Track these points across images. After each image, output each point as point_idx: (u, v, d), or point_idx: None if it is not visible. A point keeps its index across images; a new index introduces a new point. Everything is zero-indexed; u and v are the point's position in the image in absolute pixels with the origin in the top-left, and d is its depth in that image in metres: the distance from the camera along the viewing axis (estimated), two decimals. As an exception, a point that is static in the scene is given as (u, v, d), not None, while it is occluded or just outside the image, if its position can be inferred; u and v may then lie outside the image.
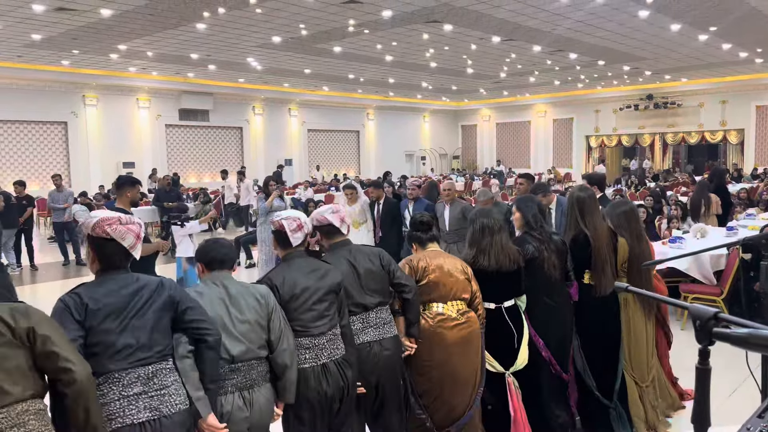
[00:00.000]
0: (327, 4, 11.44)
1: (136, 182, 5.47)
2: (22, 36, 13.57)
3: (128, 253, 2.39)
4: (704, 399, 1.28)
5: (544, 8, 12.08)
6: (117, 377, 2.22)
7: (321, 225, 3.28)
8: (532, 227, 3.80)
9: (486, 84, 24.33)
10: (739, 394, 4.37)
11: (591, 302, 3.87)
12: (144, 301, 2.33)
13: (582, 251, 3.86)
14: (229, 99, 23.22)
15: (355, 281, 3.18)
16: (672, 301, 1.43)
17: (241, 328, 2.63)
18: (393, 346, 3.23)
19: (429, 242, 3.61)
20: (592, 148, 28.67)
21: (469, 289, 3.45)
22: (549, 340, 3.72)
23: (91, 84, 19.46)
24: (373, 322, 3.20)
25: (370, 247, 3.46)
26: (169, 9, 11.52)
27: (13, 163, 18.55)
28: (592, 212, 3.91)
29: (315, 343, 2.90)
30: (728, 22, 13.57)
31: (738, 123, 24.12)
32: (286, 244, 3.09)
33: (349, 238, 3.38)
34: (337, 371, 2.92)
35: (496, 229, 3.61)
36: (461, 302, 3.42)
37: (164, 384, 2.30)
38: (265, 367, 2.72)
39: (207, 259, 2.79)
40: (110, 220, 2.35)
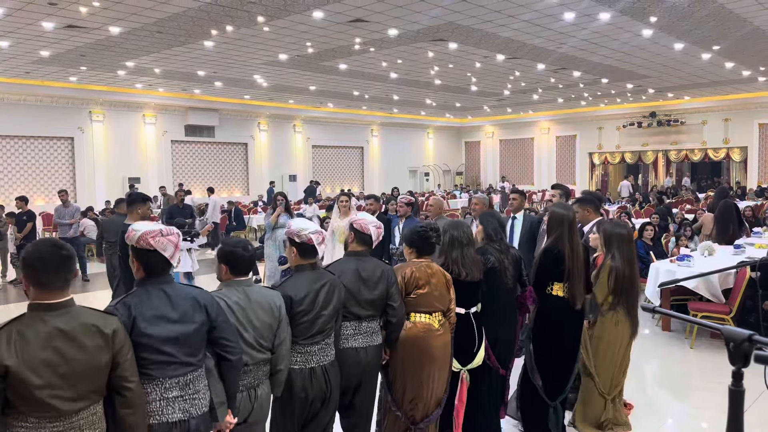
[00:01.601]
0: (334, 23, 11.57)
1: (147, 199, 5.58)
2: (31, 53, 13.71)
3: (169, 261, 2.59)
4: (738, 420, 1.28)
5: (549, 27, 12.18)
6: (160, 381, 2.45)
7: (361, 231, 3.55)
8: (492, 239, 4.13)
9: (490, 101, 24.45)
10: (753, 413, 4.34)
11: (554, 311, 4.11)
12: (184, 313, 2.53)
13: (554, 264, 4.09)
14: (234, 115, 23.37)
15: (357, 291, 3.40)
16: (705, 324, 1.44)
17: (253, 334, 2.86)
18: (376, 355, 3.49)
19: (427, 254, 3.75)
20: (595, 165, 28.72)
21: (448, 300, 3.70)
22: (496, 339, 4.07)
23: (98, 100, 19.60)
24: (364, 331, 3.44)
25: (383, 264, 3.61)
26: (178, 27, 11.64)
27: (20, 178, 18.63)
28: (572, 230, 4.13)
29: (307, 350, 3.15)
30: (731, 41, 13.67)
31: (741, 141, 24.18)
32: (309, 255, 3.26)
33: (367, 251, 3.60)
34: (323, 375, 3.17)
35: (464, 242, 3.88)
36: (440, 313, 3.67)
37: (197, 389, 2.54)
38: (268, 367, 2.98)
39: (232, 265, 2.95)
40: (153, 233, 2.55)
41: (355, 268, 3.44)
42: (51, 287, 2.16)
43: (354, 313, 3.39)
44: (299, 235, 3.22)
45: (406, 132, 30.40)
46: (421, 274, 3.62)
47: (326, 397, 3.18)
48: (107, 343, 2.22)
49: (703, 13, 11.39)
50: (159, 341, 2.43)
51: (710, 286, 6.58)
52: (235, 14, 10.86)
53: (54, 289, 2.16)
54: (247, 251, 2.96)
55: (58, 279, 2.18)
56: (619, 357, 4.31)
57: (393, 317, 3.50)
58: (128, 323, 2.39)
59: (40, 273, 2.17)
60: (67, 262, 2.21)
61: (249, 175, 24.38)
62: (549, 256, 4.13)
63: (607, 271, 4.25)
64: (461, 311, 3.84)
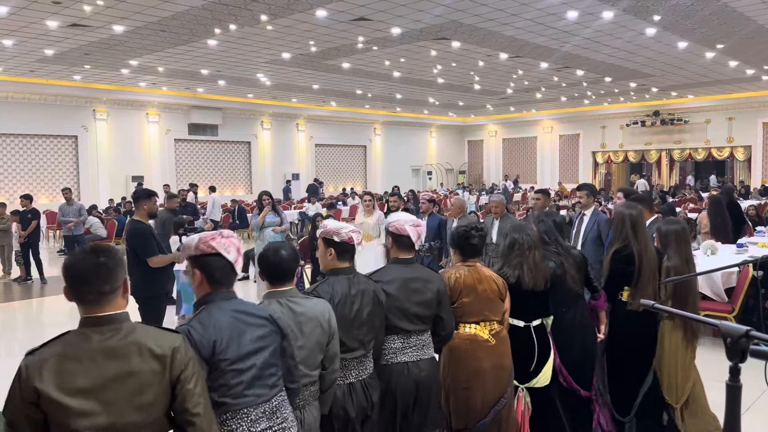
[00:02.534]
0: (337, 22, 11.58)
1: (153, 194, 5.56)
2: (36, 51, 13.76)
3: (233, 268, 2.32)
4: (735, 415, 1.29)
5: (552, 26, 12.18)
6: (245, 413, 2.19)
7: (398, 234, 3.17)
8: (546, 242, 3.74)
9: (493, 100, 24.45)
10: (755, 411, 4.35)
11: (625, 318, 3.82)
12: (259, 336, 2.27)
13: (625, 266, 3.79)
14: (237, 114, 23.41)
15: (404, 303, 3.06)
16: (702, 319, 1.45)
17: (300, 354, 2.54)
18: (429, 368, 3.14)
19: (471, 256, 3.41)
20: (598, 164, 28.70)
21: (502, 309, 3.36)
22: (568, 356, 3.64)
23: (102, 98, 19.66)
24: (413, 344, 3.11)
25: (430, 272, 3.30)
26: (181, 25, 11.67)
27: (24, 176, 18.71)
28: (643, 230, 3.86)
29: (345, 365, 2.85)
30: (735, 40, 13.65)
31: (745, 140, 24.13)
32: (347, 256, 2.96)
33: (413, 257, 3.24)
34: (362, 391, 2.88)
35: (527, 246, 3.51)
36: (494, 323, 3.33)
37: (284, 417, 2.31)
38: (316, 386, 2.67)
39: (273, 274, 2.66)
40: (212, 235, 2.32)
41: (401, 277, 3.08)
42: (86, 300, 1.85)
43: (401, 328, 3.05)
44: (338, 234, 2.91)
45: (408, 131, 30.41)
46: (466, 279, 3.29)
47: (367, 415, 2.87)
48: (163, 367, 1.85)
49: (707, 11, 11.38)
50: (240, 364, 2.17)
51: (712, 284, 6.57)
52: (239, 13, 10.88)
53: (91, 302, 1.84)
54: (276, 255, 2.62)
55: (92, 291, 1.83)
56: (680, 363, 3.90)
57: (442, 330, 3.17)
58: (206, 345, 2.12)
59: (72, 283, 1.87)
60: (102, 271, 1.85)
61: (252, 173, 24.43)
62: (619, 257, 3.81)
63: (665, 273, 3.84)
64: (519, 324, 3.50)
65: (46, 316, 9.03)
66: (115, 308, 1.88)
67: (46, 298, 9.89)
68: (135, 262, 5.21)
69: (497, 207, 7.01)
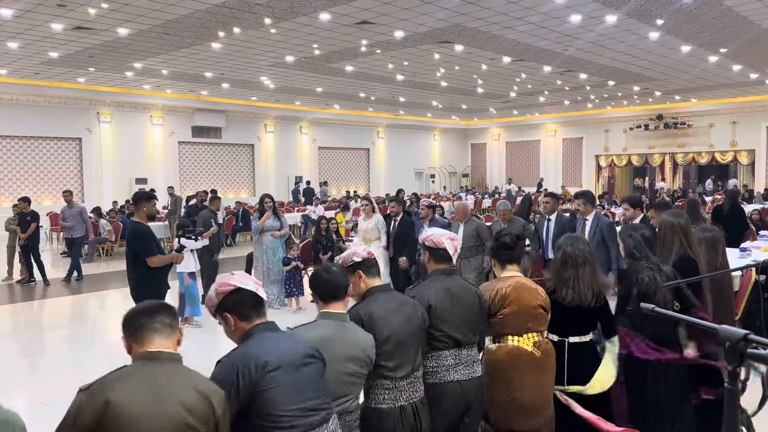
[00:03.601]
0: (340, 25, 11.61)
1: (152, 197, 5.64)
2: (40, 54, 13.83)
3: (259, 298, 2.30)
4: (734, 419, 1.30)
5: (555, 29, 12.19)
6: None
7: (435, 248, 3.15)
8: (636, 258, 3.52)
9: (496, 103, 24.46)
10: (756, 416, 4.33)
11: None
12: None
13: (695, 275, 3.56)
14: (241, 117, 23.47)
15: (453, 313, 3.03)
16: (701, 323, 1.46)
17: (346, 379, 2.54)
18: (478, 387, 3.09)
19: (509, 263, 3.36)
20: (601, 167, 28.68)
21: (545, 321, 3.29)
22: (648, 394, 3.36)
23: (106, 101, 19.73)
24: (464, 360, 3.06)
25: (469, 283, 3.27)
26: (185, 29, 11.72)
27: (28, 178, 18.77)
28: (693, 239, 3.72)
29: (395, 385, 2.76)
30: (739, 44, 13.64)
31: (748, 143, 24.09)
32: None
33: (455, 268, 3.23)
34: (413, 413, 2.78)
35: (580, 261, 3.39)
36: (537, 334, 3.25)
37: None
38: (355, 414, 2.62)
39: (318, 292, 2.64)
40: (223, 279, 2.31)
41: (446, 287, 3.06)
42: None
43: (454, 338, 3.00)
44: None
45: (412, 134, 30.43)
46: (508, 291, 3.21)
47: None
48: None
49: (710, 15, 11.37)
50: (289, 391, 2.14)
51: (715, 289, 6.55)
52: (242, 16, 10.92)
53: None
54: (328, 272, 2.60)
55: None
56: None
57: (482, 342, 3.20)
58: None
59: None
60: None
61: (255, 176, 24.47)
62: (684, 268, 3.58)
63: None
64: (554, 338, 3.41)
65: (47, 318, 9.05)
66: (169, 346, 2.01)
67: (47, 300, 9.91)
68: (134, 263, 5.28)
69: (506, 215, 7.27)
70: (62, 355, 6.90)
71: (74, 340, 7.45)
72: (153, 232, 5.52)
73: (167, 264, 5.51)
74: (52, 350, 7.17)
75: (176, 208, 15.04)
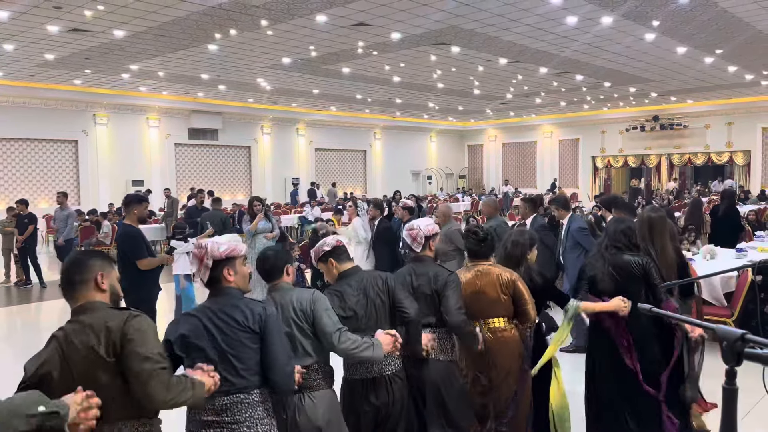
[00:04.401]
0: (337, 27, 11.61)
1: (143, 199, 5.62)
2: (36, 56, 13.79)
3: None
4: (731, 418, 1.30)
5: (551, 31, 12.21)
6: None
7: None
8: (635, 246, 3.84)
9: (492, 105, 24.49)
10: (754, 416, 4.35)
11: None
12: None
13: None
14: (237, 118, 23.44)
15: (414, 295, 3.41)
16: (698, 323, 1.46)
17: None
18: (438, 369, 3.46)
19: (476, 257, 3.69)
20: (598, 168, 28.74)
21: (505, 305, 3.55)
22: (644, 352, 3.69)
23: (102, 103, 19.69)
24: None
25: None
26: (182, 31, 11.71)
27: (24, 181, 18.72)
28: (660, 233, 3.91)
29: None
30: (734, 45, 13.68)
31: (744, 144, 24.17)
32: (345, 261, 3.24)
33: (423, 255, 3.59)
34: (385, 385, 3.09)
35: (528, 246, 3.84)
36: (498, 319, 3.56)
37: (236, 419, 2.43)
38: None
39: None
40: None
41: (411, 269, 3.54)
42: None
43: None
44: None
45: (408, 135, 30.44)
46: (466, 276, 3.60)
47: (389, 408, 3.11)
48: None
49: (706, 17, 11.41)
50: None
51: (712, 289, 6.58)
52: (239, 18, 10.92)
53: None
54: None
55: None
56: None
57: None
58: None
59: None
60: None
61: (252, 178, 24.45)
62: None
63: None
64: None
65: (44, 320, 9.02)
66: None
67: (44, 303, 9.88)
68: (124, 266, 5.28)
69: (443, 215, 7.35)
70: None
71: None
72: (143, 235, 5.53)
73: (158, 266, 5.52)
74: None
75: (173, 210, 14.99)
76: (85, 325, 2.11)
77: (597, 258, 3.87)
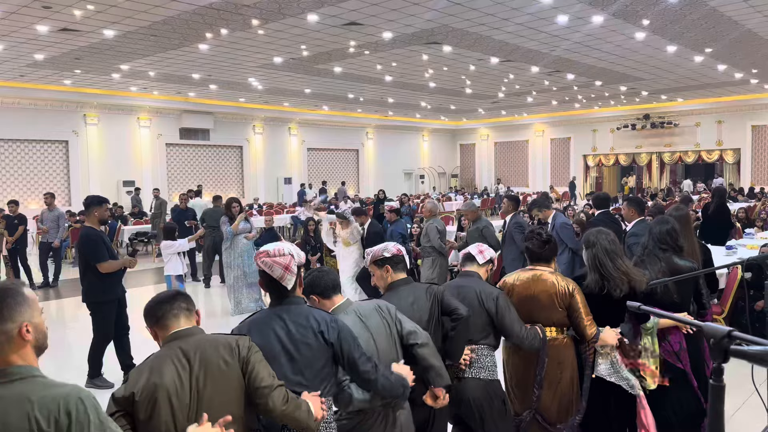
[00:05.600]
0: (328, 26, 11.60)
1: (104, 201, 5.58)
2: (26, 56, 13.70)
3: (278, 283, 2.51)
4: (719, 414, 1.31)
5: (542, 30, 12.25)
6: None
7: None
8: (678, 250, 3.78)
9: (484, 104, 24.53)
10: (743, 413, 4.38)
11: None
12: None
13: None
14: (229, 118, 23.36)
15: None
16: (686, 320, 1.47)
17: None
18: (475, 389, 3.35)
19: (538, 260, 3.55)
20: (589, 167, 28.85)
21: (558, 316, 3.40)
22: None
23: (93, 103, 19.58)
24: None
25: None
26: (172, 30, 11.65)
27: (14, 182, 18.59)
28: (686, 231, 3.99)
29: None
30: (724, 44, 13.77)
31: (734, 142, 24.33)
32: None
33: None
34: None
35: (602, 253, 3.51)
36: (549, 329, 3.42)
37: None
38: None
39: (320, 289, 2.80)
40: (261, 252, 2.55)
41: (457, 284, 3.52)
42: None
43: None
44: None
45: (401, 134, 30.46)
46: (517, 280, 3.52)
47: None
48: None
49: (695, 15, 11.47)
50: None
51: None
52: (230, 17, 10.88)
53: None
54: (327, 273, 2.94)
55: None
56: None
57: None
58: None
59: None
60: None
61: (244, 178, 24.38)
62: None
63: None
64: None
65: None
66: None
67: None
68: (85, 268, 5.24)
69: (429, 211, 7.54)
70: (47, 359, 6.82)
71: (59, 345, 7.38)
72: (104, 237, 5.48)
73: (119, 269, 5.47)
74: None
75: (161, 211, 14.74)
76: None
77: (652, 262, 3.68)
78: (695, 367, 3.67)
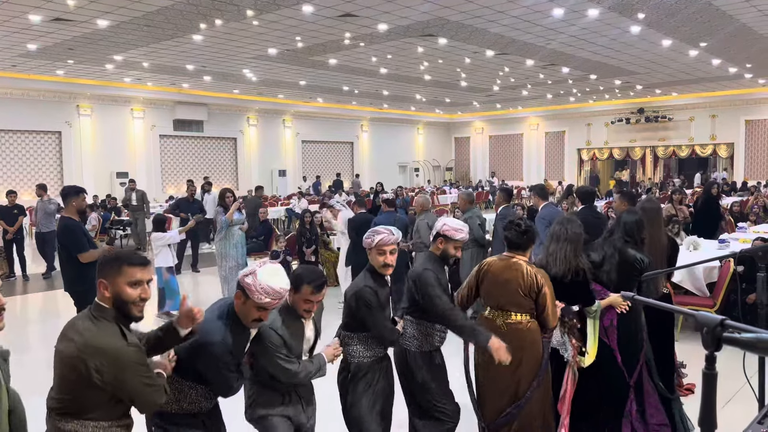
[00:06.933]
0: (323, 17, 11.55)
1: (81, 191, 5.54)
2: (18, 46, 13.59)
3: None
4: (711, 402, 1.32)
5: (538, 23, 12.23)
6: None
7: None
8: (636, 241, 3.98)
9: (479, 97, 24.52)
10: (736, 402, 4.42)
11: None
12: None
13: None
14: (223, 110, 23.27)
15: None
16: (679, 309, 1.49)
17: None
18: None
19: (516, 249, 3.62)
20: (583, 161, 28.91)
21: (525, 305, 3.50)
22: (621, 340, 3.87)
23: (86, 94, 19.46)
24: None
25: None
26: (166, 20, 11.58)
27: (7, 173, 18.48)
28: (653, 223, 4.08)
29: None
30: (718, 38, 13.79)
31: (728, 137, 24.41)
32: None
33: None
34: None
35: (562, 237, 3.78)
36: (515, 314, 3.51)
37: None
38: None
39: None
40: (247, 271, 2.69)
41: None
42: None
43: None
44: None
45: (396, 127, 30.42)
46: (491, 267, 3.64)
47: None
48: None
49: (691, 10, 11.49)
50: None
51: (694, 279, 6.66)
52: (224, 8, 10.82)
53: None
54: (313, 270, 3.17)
55: None
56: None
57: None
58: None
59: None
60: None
61: (238, 169, 24.31)
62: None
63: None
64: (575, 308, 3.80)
65: (29, 313, 8.94)
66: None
67: (29, 296, 9.79)
68: (67, 259, 5.23)
69: (420, 206, 7.47)
70: (41, 350, 6.82)
71: (54, 336, 7.37)
72: (83, 228, 5.47)
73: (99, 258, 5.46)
74: (34, 345, 7.09)
75: (141, 204, 14.27)
76: None
77: (607, 246, 3.97)
78: (624, 343, 3.85)
